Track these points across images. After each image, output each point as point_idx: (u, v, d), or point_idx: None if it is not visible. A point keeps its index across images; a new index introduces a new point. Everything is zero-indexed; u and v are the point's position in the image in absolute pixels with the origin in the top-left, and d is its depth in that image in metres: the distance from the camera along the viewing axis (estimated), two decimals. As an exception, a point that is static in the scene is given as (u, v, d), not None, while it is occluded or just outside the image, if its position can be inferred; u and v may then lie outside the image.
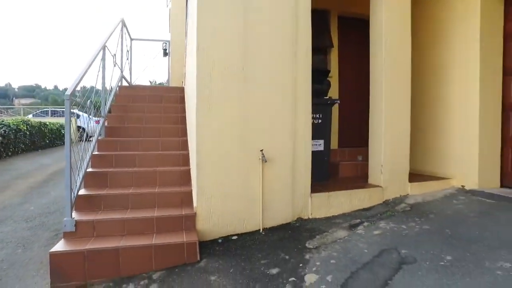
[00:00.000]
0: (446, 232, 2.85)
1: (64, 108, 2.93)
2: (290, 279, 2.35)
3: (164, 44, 7.41)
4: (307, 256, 2.66)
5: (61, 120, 12.72)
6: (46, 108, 15.49)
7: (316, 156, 3.85)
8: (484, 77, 3.85)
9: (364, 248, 2.71)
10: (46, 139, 10.91)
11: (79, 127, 13.53)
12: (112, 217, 2.92)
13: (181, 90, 5.74)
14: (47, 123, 11.23)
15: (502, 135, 3.97)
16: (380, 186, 3.80)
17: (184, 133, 4.47)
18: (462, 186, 4.02)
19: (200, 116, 3.04)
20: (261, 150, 3.19)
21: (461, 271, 2.19)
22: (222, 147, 3.09)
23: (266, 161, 3.19)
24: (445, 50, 4.26)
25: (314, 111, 3.85)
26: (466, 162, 4.00)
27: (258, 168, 3.20)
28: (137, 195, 3.23)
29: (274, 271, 2.49)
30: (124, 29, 5.84)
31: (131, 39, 6.50)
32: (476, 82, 3.87)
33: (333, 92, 5.02)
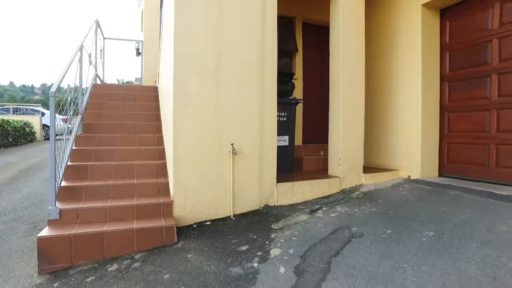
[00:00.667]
0: (390, 212, 3.36)
1: (28, 106, 3.12)
2: (258, 253, 2.73)
3: (137, 44, 7.54)
4: (272, 235, 3.06)
5: (26, 118, 12.35)
6: (7, 105, 14.84)
7: (281, 150, 4.27)
8: (425, 83, 4.46)
9: (322, 227, 3.15)
10: (9, 137, 10.58)
11: (44, 125, 13.21)
12: (95, 205, 3.16)
13: (155, 89, 5.97)
14: (10, 121, 10.88)
15: (439, 133, 4.59)
16: (338, 177, 4.28)
17: (159, 130, 4.73)
18: (408, 176, 4.61)
19: (177, 112, 3.35)
20: (232, 144, 3.55)
21: (397, 240, 2.68)
22: (196, 141, 3.42)
23: (236, 154, 3.56)
24: (395, 58, 4.84)
25: (279, 109, 4.27)
26: (412, 156, 4.58)
27: (229, 160, 3.56)
28: (117, 186, 3.48)
29: (244, 248, 2.86)
30: (98, 29, 5.97)
31: (104, 38, 6.61)
32: (419, 87, 4.46)
33: (298, 92, 5.49)
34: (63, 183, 3.39)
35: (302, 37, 5.80)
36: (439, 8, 4.50)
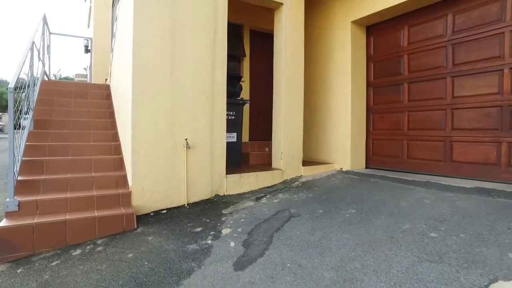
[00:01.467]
0: (323, 197, 3.99)
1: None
2: (211, 233, 3.15)
3: (86, 41, 7.44)
4: (223, 219, 3.50)
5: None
6: None
7: (230, 146, 4.72)
8: (354, 88, 5.21)
9: (266, 211, 3.66)
10: None
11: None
12: (54, 197, 3.34)
13: (107, 87, 6.04)
14: None
15: (366, 131, 5.39)
16: (281, 169, 4.85)
17: (113, 126, 4.91)
18: (340, 168, 5.33)
19: (135, 110, 3.63)
20: (186, 139, 3.92)
21: (326, 217, 3.28)
22: (153, 136, 3.74)
23: (189, 148, 3.94)
24: (331, 66, 5.54)
25: (228, 109, 4.71)
26: (343, 151, 5.31)
27: (183, 154, 3.93)
28: (76, 178, 3.66)
29: (199, 229, 3.27)
30: (45, 25, 5.89)
31: (50, 33, 6.49)
32: (349, 91, 5.20)
33: (245, 93, 5.98)
34: (20, 178, 3.49)
35: (250, 43, 6.30)
36: (365, 25, 5.29)
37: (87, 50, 7.40)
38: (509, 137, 3.75)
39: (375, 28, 5.24)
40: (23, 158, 3.71)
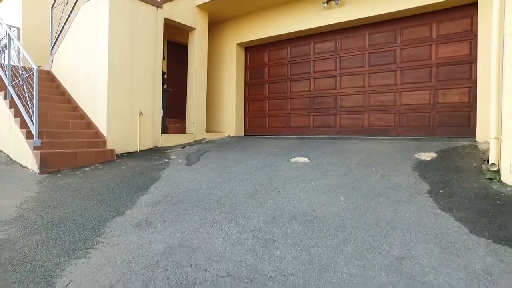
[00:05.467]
0: (221, 145, 6.96)
1: None
2: (164, 158, 5.76)
3: (11, 29, 8.38)
4: (168, 153, 6.12)
5: None
6: None
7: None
8: (237, 85, 8.34)
9: (190, 151, 6.41)
10: None
11: None
12: (61, 140, 5.37)
13: (47, 72, 7.54)
14: None
15: (244, 112, 8.62)
16: (193, 133, 7.61)
17: (70, 101, 6.77)
18: (229, 135, 8.40)
19: (109, 90, 5.88)
20: (140, 109, 6.34)
21: (225, 151, 6.26)
22: (120, 107, 6.04)
23: (142, 115, 6.37)
24: (224, 70, 8.54)
25: (160, 93, 7.21)
26: (230, 124, 8.39)
27: (137, 119, 6.33)
28: (67, 132, 5.68)
29: (156, 157, 5.83)
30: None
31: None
32: (234, 87, 8.31)
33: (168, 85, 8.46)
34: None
35: (167, 49, 8.79)
36: (244, 46, 8.49)
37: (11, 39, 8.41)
38: (314, 113, 7.46)
39: (250, 49, 8.49)
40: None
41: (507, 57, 3.60)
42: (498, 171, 3.69)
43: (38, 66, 5.37)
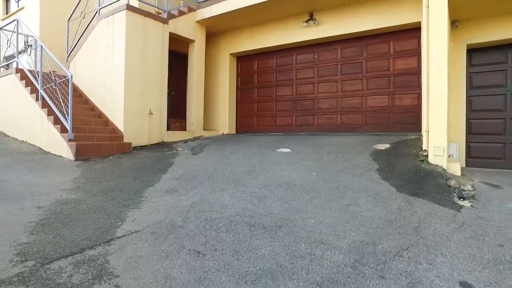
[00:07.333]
0: (219, 141, 8.19)
1: None
2: (173, 150, 6.96)
3: (26, 38, 9.34)
4: (174, 146, 7.32)
5: None
6: None
7: (166, 117, 8.44)
8: (230, 89, 9.60)
9: (193, 145, 7.62)
10: None
11: None
12: (88, 134, 6.51)
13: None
14: None
15: (235, 112, 9.87)
16: (192, 131, 8.82)
17: (87, 102, 7.88)
18: (223, 132, 9.64)
19: (126, 93, 7.05)
20: (150, 109, 7.53)
21: (222, 146, 7.50)
22: (134, 107, 7.21)
23: (152, 114, 7.56)
24: (219, 76, 9.78)
25: (165, 96, 8.40)
26: (224, 123, 9.62)
27: (147, 117, 7.51)
28: (91, 128, 6.82)
29: (166, 149, 7.02)
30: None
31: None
32: (227, 91, 9.56)
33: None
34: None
35: (169, 58, 9.96)
36: (236, 56, 9.76)
37: (28, 46, 9.36)
38: (296, 114, 8.78)
39: (241, 58, 9.77)
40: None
41: (432, 68, 5.01)
42: (427, 155, 5.08)
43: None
